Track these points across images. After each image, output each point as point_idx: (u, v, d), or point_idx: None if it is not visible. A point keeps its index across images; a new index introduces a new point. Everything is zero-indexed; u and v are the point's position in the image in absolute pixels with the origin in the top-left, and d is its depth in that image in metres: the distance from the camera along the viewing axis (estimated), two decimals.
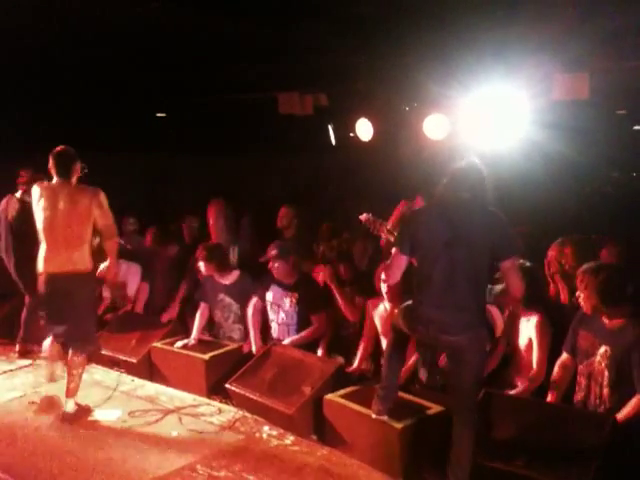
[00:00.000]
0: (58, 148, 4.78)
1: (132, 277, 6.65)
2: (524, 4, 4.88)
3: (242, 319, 5.79)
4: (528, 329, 4.30)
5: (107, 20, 5.27)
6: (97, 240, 4.95)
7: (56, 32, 5.52)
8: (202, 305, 5.91)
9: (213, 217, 6.73)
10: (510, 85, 5.95)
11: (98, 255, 4.89)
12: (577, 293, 3.87)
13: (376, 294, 5.02)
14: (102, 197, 4.70)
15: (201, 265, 5.84)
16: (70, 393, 4.71)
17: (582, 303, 3.82)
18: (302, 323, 5.45)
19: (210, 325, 6.02)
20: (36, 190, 4.77)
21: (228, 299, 5.85)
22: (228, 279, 5.86)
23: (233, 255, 6.55)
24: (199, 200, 8.09)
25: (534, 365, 4.22)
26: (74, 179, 4.75)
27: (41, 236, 4.70)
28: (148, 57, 6.45)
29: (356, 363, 5.03)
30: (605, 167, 7.93)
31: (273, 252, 5.51)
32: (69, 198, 4.65)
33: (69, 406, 4.71)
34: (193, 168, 10.24)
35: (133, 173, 9.22)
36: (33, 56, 6.18)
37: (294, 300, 5.48)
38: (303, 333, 5.38)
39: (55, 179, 4.74)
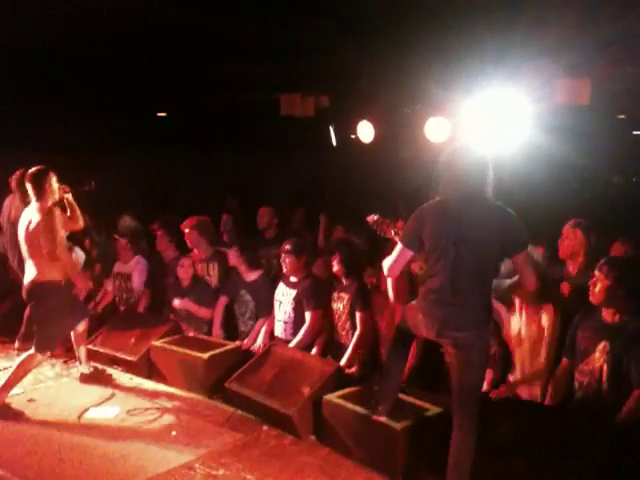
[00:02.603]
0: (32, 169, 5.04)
1: (138, 271, 6.65)
2: (526, 8, 4.89)
3: (256, 316, 5.88)
4: (540, 321, 4.34)
5: (115, 18, 5.28)
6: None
7: (56, 32, 5.51)
8: (223, 299, 6.04)
9: None
10: (512, 89, 5.96)
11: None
12: (593, 280, 3.88)
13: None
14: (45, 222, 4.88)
15: (231, 256, 5.98)
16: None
17: (596, 291, 3.84)
18: (298, 321, 5.47)
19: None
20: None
21: (248, 296, 5.91)
22: (251, 276, 5.93)
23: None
24: (199, 198, 8.10)
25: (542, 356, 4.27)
26: (44, 199, 4.98)
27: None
28: (150, 56, 6.45)
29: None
30: (606, 171, 7.96)
31: (286, 247, 5.54)
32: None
33: None
34: (192, 166, 10.27)
35: (131, 172, 9.25)
36: (34, 56, 6.17)
37: (292, 297, 5.50)
38: (301, 333, 5.38)
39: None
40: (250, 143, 9.58)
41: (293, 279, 5.57)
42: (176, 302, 6.11)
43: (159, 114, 9.22)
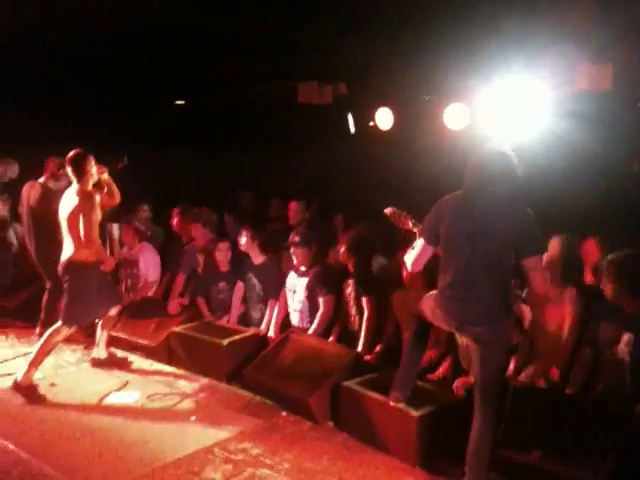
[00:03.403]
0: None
1: (145, 256, 6.67)
2: None
3: (264, 300, 5.90)
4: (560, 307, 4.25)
5: (115, 18, 5.27)
6: None
7: (56, 32, 5.51)
8: (239, 285, 6.09)
9: None
10: (532, 75, 5.89)
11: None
12: (603, 282, 3.84)
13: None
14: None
15: (242, 240, 5.96)
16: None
17: (607, 290, 3.80)
18: (312, 309, 5.49)
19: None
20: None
21: (254, 279, 5.95)
22: (259, 260, 5.96)
23: None
24: (199, 197, 8.13)
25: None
26: (85, 181, 5.14)
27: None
28: (150, 56, 6.43)
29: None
30: (625, 160, 7.84)
31: (295, 239, 5.55)
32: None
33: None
34: (192, 166, 10.32)
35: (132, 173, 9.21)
36: (34, 56, 6.18)
37: (304, 286, 5.51)
38: (317, 319, 5.39)
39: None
40: (251, 142, 9.59)
41: (303, 268, 5.59)
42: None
43: (177, 102, 9.20)
